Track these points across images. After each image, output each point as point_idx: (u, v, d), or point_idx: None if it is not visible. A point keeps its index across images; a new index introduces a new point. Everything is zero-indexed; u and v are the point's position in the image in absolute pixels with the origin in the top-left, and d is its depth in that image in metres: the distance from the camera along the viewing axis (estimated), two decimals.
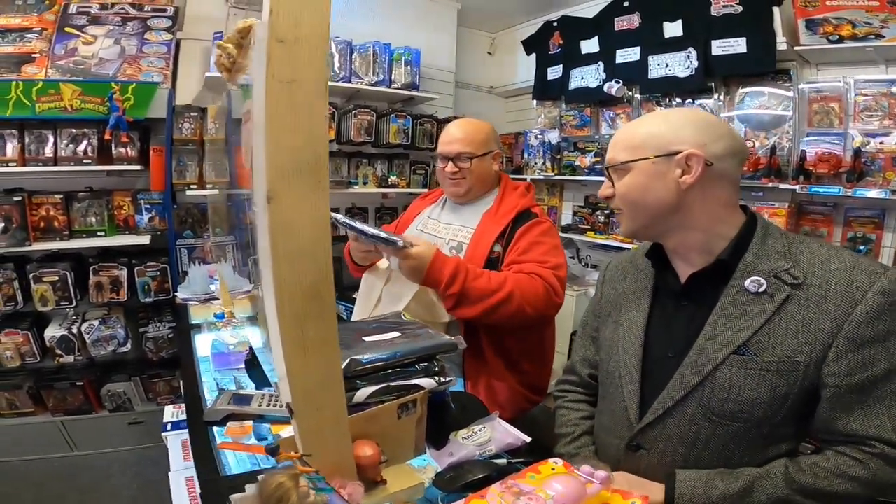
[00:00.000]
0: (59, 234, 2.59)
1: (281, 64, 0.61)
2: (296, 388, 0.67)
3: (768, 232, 0.97)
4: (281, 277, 0.62)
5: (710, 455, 0.95)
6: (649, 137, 0.96)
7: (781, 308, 0.90)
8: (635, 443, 1.03)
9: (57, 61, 2.59)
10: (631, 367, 1.05)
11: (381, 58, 3.23)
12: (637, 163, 0.96)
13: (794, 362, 0.88)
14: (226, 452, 1.11)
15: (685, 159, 0.92)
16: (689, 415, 0.95)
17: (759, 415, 0.91)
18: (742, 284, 0.93)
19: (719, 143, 0.94)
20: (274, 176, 0.60)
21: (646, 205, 0.97)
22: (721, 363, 0.92)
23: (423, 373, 0.96)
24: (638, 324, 1.07)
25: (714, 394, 0.92)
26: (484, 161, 1.67)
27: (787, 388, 0.89)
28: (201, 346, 1.73)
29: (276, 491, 0.60)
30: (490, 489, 0.87)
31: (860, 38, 2.23)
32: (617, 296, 1.16)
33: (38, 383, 2.73)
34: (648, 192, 0.96)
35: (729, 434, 0.93)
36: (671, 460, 0.98)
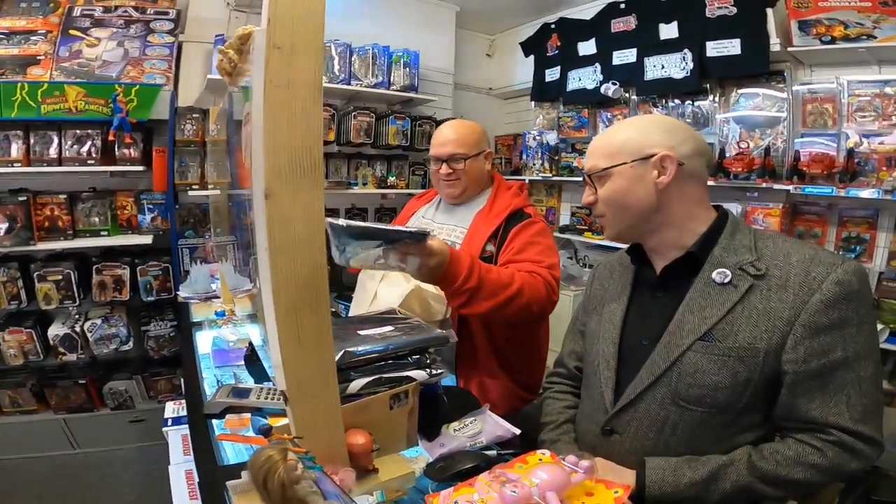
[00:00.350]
0: (63, 233, 2.63)
1: (278, 69, 0.65)
2: (290, 376, 0.70)
3: (737, 228, 1.03)
4: (277, 269, 0.65)
5: (678, 440, 1.00)
6: (626, 143, 1.02)
7: (744, 298, 0.95)
8: (609, 427, 1.08)
9: (61, 63, 2.63)
10: (608, 354, 1.11)
11: (381, 60, 3.26)
12: (617, 168, 1.02)
13: (754, 349, 0.93)
14: (224, 444, 1.14)
15: (660, 161, 0.99)
16: (658, 399, 1.00)
17: (723, 399, 0.95)
18: (709, 276, 0.99)
19: (687, 145, 1.01)
20: (271, 174, 0.64)
21: (628, 206, 1.03)
22: (688, 349, 0.97)
23: (415, 365, 1.00)
24: (617, 314, 1.13)
25: (681, 378, 0.97)
26: (477, 161, 1.69)
27: (748, 374, 0.93)
28: (202, 343, 1.75)
29: (264, 463, 0.63)
30: (478, 478, 0.90)
31: (852, 39, 2.25)
32: (603, 291, 1.22)
33: (41, 381, 2.77)
34: (629, 194, 1.02)
35: (696, 419, 0.98)
36: (642, 445, 1.03)
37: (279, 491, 0.62)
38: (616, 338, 1.11)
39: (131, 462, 2.81)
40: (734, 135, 2.71)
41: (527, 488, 0.82)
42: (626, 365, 1.08)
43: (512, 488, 0.82)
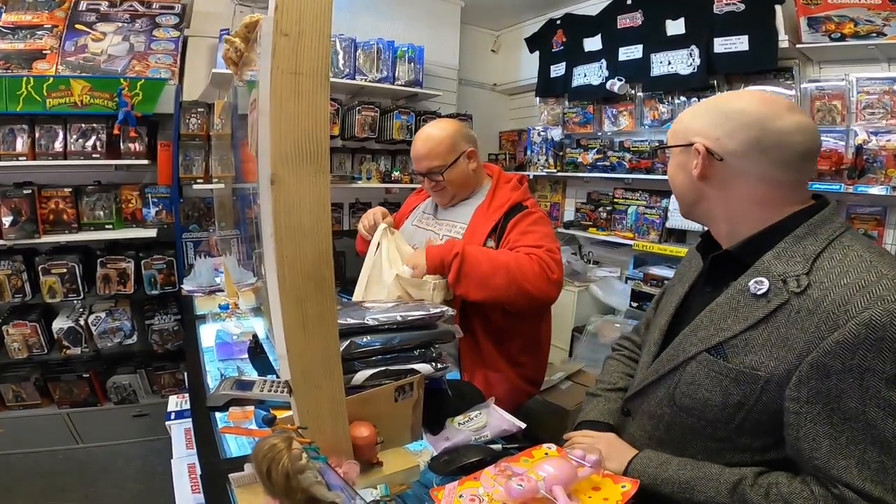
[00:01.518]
0: (68, 227, 2.64)
1: (285, 56, 0.64)
2: (295, 365, 0.69)
3: (811, 232, 0.86)
4: (283, 256, 0.65)
5: (670, 439, 0.96)
6: (679, 125, 0.96)
7: (771, 316, 0.83)
8: (626, 408, 1.07)
9: (67, 58, 2.64)
10: (652, 339, 1.06)
11: (385, 55, 3.25)
12: (670, 149, 0.97)
13: (753, 375, 0.82)
14: (227, 438, 1.13)
15: (696, 151, 0.90)
16: (658, 396, 0.97)
17: (711, 416, 0.89)
18: (746, 283, 0.87)
19: (737, 137, 0.86)
20: (277, 160, 0.63)
21: (677, 190, 0.98)
22: (692, 358, 0.91)
23: (421, 358, 0.99)
24: (674, 301, 1.06)
25: (679, 385, 0.93)
26: (456, 167, 1.66)
27: (742, 398, 0.84)
28: (206, 336, 1.75)
29: (268, 452, 0.62)
30: (484, 472, 0.89)
31: (862, 36, 2.23)
32: (686, 269, 1.13)
33: (45, 375, 2.78)
34: (674, 178, 0.98)
35: (686, 425, 0.93)
36: (640, 435, 1.02)
37: (283, 481, 0.62)
38: (664, 326, 1.04)
39: (134, 457, 2.82)
40: None
41: (533, 482, 0.81)
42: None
43: (518, 482, 0.81)
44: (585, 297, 3.23)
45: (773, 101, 0.87)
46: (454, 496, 0.85)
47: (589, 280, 3.31)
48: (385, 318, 0.98)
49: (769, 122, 0.85)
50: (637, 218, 3.11)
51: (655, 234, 3.01)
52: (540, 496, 0.80)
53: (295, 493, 0.62)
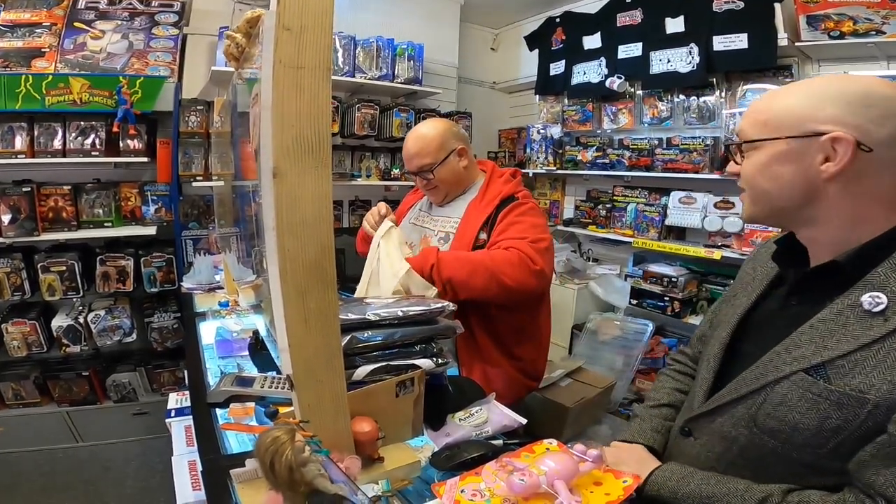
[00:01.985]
0: (67, 224, 2.63)
1: (287, 50, 0.64)
2: (297, 359, 0.69)
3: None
4: (284, 249, 0.65)
5: (744, 462, 0.86)
6: (787, 112, 0.79)
7: (888, 337, 0.72)
8: (687, 428, 0.97)
9: (66, 55, 2.63)
10: (711, 354, 0.97)
11: (385, 53, 3.25)
12: (768, 142, 0.80)
13: (861, 399, 0.72)
14: (228, 435, 1.13)
15: (830, 143, 0.75)
16: (735, 418, 0.87)
17: (799, 441, 0.79)
18: (858, 298, 0.76)
19: (887, 126, 0.73)
20: (279, 153, 0.64)
21: (771, 191, 0.82)
22: (784, 377, 0.80)
23: (421, 354, 0.99)
24: (738, 312, 0.97)
25: (764, 406, 0.82)
26: (447, 164, 1.68)
27: (842, 422, 0.74)
28: (206, 333, 1.75)
29: (271, 444, 0.62)
30: (485, 467, 0.89)
31: (861, 35, 2.23)
32: (752, 277, 1.03)
33: (45, 373, 2.77)
34: (777, 178, 0.81)
35: (766, 449, 0.83)
36: (706, 457, 0.92)
37: (286, 473, 0.61)
38: (726, 339, 0.95)
39: (134, 455, 2.82)
40: None
41: (535, 476, 0.81)
42: (730, 372, 0.93)
43: (520, 476, 0.81)
44: (585, 295, 3.24)
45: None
46: (456, 491, 0.85)
47: (588, 277, 3.31)
48: (386, 313, 0.98)
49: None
50: (636, 215, 3.11)
51: (655, 231, 3.01)
52: (541, 491, 0.80)
53: (298, 486, 0.62)
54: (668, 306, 2.83)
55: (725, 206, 2.67)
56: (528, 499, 0.81)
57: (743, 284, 1.04)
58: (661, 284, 2.86)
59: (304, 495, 0.63)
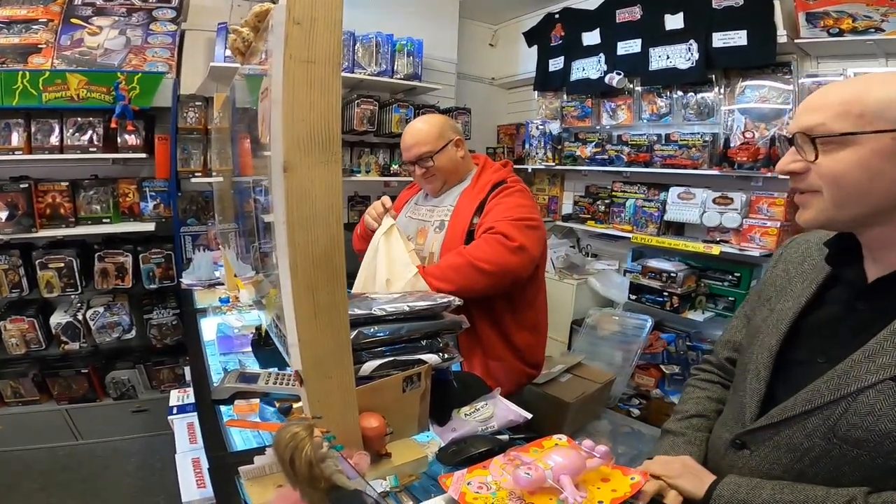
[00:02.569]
0: (65, 221, 2.62)
1: (297, 44, 0.64)
2: (306, 354, 0.69)
3: None
4: (295, 243, 0.65)
5: (815, 471, 0.82)
6: (890, 105, 0.72)
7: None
8: (740, 441, 0.92)
9: (63, 52, 2.62)
10: (761, 363, 0.92)
11: (384, 48, 3.24)
12: (869, 136, 0.72)
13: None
14: (232, 432, 1.12)
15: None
16: (808, 429, 0.82)
17: (889, 448, 0.75)
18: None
19: None
20: (290, 147, 0.63)
21: (867, 192, 0.75)
22: (870, 386, 0.75)
23: (428, 349, 0.99)
24: (787, 318, 0.92)
25: (846, 417, 0.77)
26: (446, 153, 1.73)
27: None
28: (206, 330, 1.75)
29: (290, 440, 0.62)
30: (493, 461, 0.89)
31: (860, 32, 2.24)
32: (787, 280, 0.98)
33: (43, 371, 2.77)
34: (879, 176, 0.73)
35: (846, 458, 0.79)
36: (770, 468, 0.87)
37: (306, 469, 0.61)
38: (775, 347, 0.91)
39: (134, 453, 2.82)
40: (739, 125, 2.70)
41: (541, 471, 0.81)
42: (785, 380, 0.90)
43: (526, 470, 0.81)
44: (584, 290, 3.24)
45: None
46: (462, 483, 0.86)
47: (587, 273, 3.32)
48: (392, 308, 0.98)
49: None
50: (635, 211, 3.12)
51: (653, 226, 3.02)
52: (547, 485, 0.80)
53: (318, 482, 0.62)
54: (666, 301, 2.85)
55: (724, 202, 2.68)
56: (534, 493, 0.81)
57: (777, 288, 0.98)
58: (660, 280, 2.87)
59: (323, 491, 0.63)
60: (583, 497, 0.78)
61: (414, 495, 0.89)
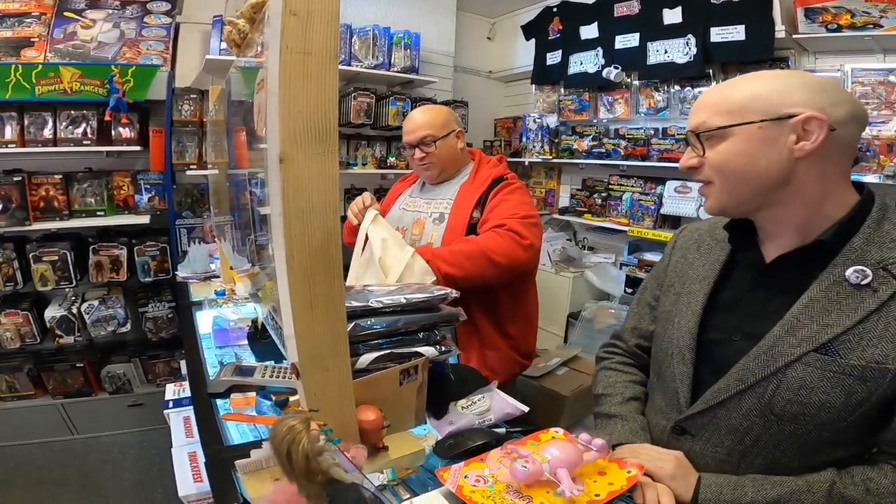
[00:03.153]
0: (59, 213, 2.61)
1: (294, 35, 0.63)
2: (303, 346, 0.69)
3: (886, 215, 0.83)
4: (291, 234, 0.64)
5: (756, 451, 0.87)
6: (754, 98, 0.81)
7: (884, 306, 0.77)
8: (680, 427, 0.95)
9: (56, 45, 2.60)
10: (684, 346, 0.96)
11: (381, 41, 3.23)
12: (739, 127, 0.82)
13: (882, 369, 0.76)
14: (229, 425, 1.12)
15: (801, 123, 0.78)
16: (743, 409, 0.86)
17: (824, 419, 0.80)
18: (842, 273, 0.80)
19: (842, 107, 0.79)
20: (287, 139, 0.63)
21: (747, 176, 0.83)
22: (796, 360, 0.81)
23: (425, 341, 0.99)
24: (699, 299, 0.97)
25: (779, 392, 0.82)
26: (448, 141, 1.75)
27: (866, 395, 0.78)
28: (202, 323, 1.74)
29: (287, 434, 0.61)
30: (490, 454, 0.89)
31: (859, 28, 2.24)
32: (685, 265, 1.05)
33: (38, 365, 2.75)
34: (753, 161, 0.82)
35: (784, 434, 0.84)
36: (714, 451, 0.91)
37: (303, 462, 0.61)
38: (694, 328, 0.95)
39: (131, 447, 2.81)
40: None
41: (538, 464, 0.81)
42: (708, 361, 0.94)
43: (523, 463, 0.81)
44: (580, 283, 3.25)
45: None
46: (459, 476, 0.86)
47: (584, 266, 3.32)
48: (389, 300, 0.98)
49: (852, 95, 0.86)
50: (632, 204, 3.12)
51: (650, 220, 3.02)
52: (544, 478, 0.80)
53: (315, 475, 0.61)
54: None
55: None
56: (531, 486, 0.81)
57: (679, 274, 1.05)
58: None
59: (320, 485, 0.62)
60: (580, 490, 0.78)
61: (411, 488, 0.89)
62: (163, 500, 2.36)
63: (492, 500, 0.80)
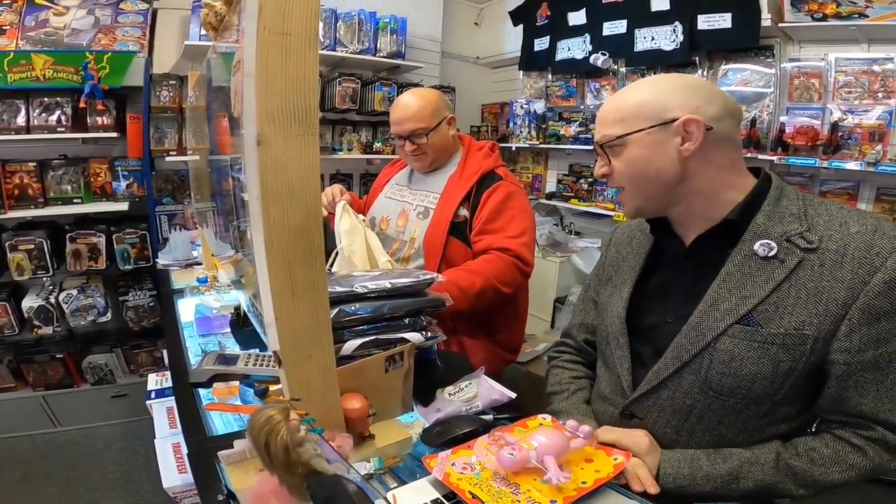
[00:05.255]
0: (34, 201, 2.55)
1: (272, 16, 0.61)
2: (284, 333, 0.67)
3: (783, 193, 0.90)
4: (270, 218, 0.62)
5: (703, 428, 0.92)
6: (641, 107, 0.89)
7: (792, 274, 0.83)
8: (628, 411, 1.00)
9: (27, 33, 2.53)
10: (617, 331, 1.02)
11: (367, 26, 3.18)
12: (632, 136, 0.90)
13: (801, 335, 0.82)
14: (212, 415, 1.10)
15: (682, 126, 0.86)
16: (684, 387, 0.91)
17: (759, 391, 0.86)
18: (751, 248, 0.87)
19: (713, 105, 0.88)
20: (264, 120, 0.61)
21: (648, 178, 0.91)
22: (722, 333, 0.86)
23: (410, 327, 0.98)
24: (626, 285, 1.04)
25: (713, 367, 0.88)
26: (439, 131, 1.68)
27: (792, 363, 0.83)
28: (184, 311, 1.71)
29: (265, 424, 0.60)
30: (477, 441, 0.89)
31: (844, 17, 2.24)
32: (619, 259, 1.12)
33: (18, 357, 2.69)
34: (649, 164, 0.90)
35: (725, 409, 0.89)
36: (663, 431, 0.96)
37: (282, 454, 0.59)
38: (623, 312, 1.02)
39: (115, 439, 2.77)
40: None
41: (525, 451, 0.81)
42: (646, 343, 0.99)
43: (510, 451, 0.81)
44: (567, 268, 3.25)
45: None
46: (447, 464, 0.85)
47: (570, 251, 3.33)
48: (374, 285, 0.96)
49: (723, 92, 0.93)
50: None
51: None
52: (531, 465, 0.80)
53: (295, 467, 0.60)
54: None
55: None
56: (518, 473, 0.82)
57: (614, 267, 1.13)
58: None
59: (301, 476, 0.61)
60: (566, 477, 0.78)
61: (399, 477, 0.88)
62: (149, 492, 2.34)
63: (479, 487, 0.80)
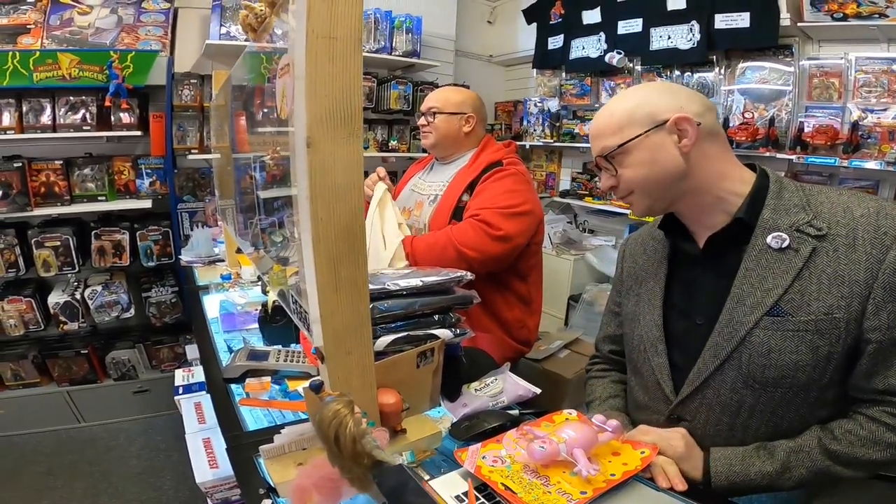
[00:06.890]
0: (60, 199, 2.60)
1: (321, 20, 0.63)
2: (328, 330, 0.70)
3: (783, 186, 0.94)
4: (318, 218, 0.65)
5: (757, 422, 0.93)
6: (633, 114, 0.94)
7: (809, 262, 0.86)
8: (675, 415, 1.00)
9: (52, 31, 2.57)
10: (654, 338, 1.04)
11: (383, 25, 3.20)
12: (633, 141, 0.94)
13: (832, 319, 0.84)
14: (242, 411, 1.12)
15: (675, 124, 0.91)
16: (728, 383, 0.93)
17: (804, 379, 0.87)
18: (764, 242, 0.90)
19: (694, 103, 0.93)
20: (313, 123, 0.63)
21: (655, 178, 0.95)
22: (754, 326, 0.88)
23: (440, 324, 1.00)
24: (656, 294, 1.06)
25: (752, 360, 0.89)
26: (450, 119, 1.79)
27: (830, 347, 0.85)
28: (209, 308, 1.74)
29: (334, 418, 0.62)
30: (506, 435, 0.91)
31: (864, 17, 2.23)
32: (637, 269, 1.14)
33: (43, 352, 2.75)
34: (655, 164, 0.94)
35: (775, 400, 0.90)
36: (716, 430, 0.96)
37: (351, 445, 0.62)
38: (659, 319, 1.04)
39: (137, 434, 2.82)
40: (738, 106, 2.70)
41: (555, 444, 0.82)
42: (679, 348, 1.01)
43: (540, 444, 0.83)
44: (581, 266, 3.25)
45: None
46: (477, 457, 0.87)
47: (584, 249, 3.33)
48: (405, 283, 0.98)
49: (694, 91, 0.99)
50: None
51: None
52: (561, 458, 0.82)
53: (362, 458, 0.62)
54: None
55: None
56: (548, 466, 0.84)
57: (634, 277, 1.15)
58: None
59: (366, 468, 0.63)
60: (596, 470, 0.80)
61: (428, 471, 0.90)
62: (171, 487, 2.37)
63: (510, 479, 0.82)
